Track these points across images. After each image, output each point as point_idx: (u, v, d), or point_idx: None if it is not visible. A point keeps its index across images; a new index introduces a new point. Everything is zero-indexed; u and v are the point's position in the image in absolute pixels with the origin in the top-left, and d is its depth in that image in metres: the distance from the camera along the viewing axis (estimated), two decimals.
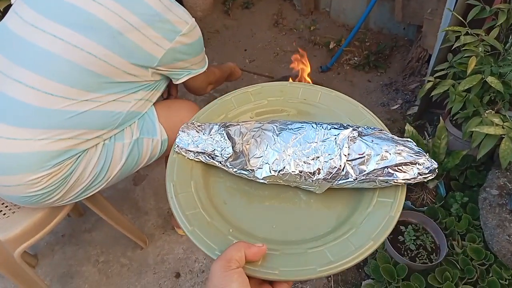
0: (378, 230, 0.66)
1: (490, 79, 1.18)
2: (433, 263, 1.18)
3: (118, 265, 1.44)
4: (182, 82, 1.10)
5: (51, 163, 0.90)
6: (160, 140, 1.08)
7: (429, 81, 1.39)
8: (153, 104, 1.09)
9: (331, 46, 2.14)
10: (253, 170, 0.74)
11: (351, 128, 0.72)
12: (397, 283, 1.15)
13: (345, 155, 0.69)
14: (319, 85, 1.80)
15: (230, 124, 0.81)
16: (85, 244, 1.51)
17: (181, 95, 1.34)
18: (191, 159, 0.79)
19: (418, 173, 0.67)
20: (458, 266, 1.17)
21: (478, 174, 1.39)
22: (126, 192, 1.65)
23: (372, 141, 0.70)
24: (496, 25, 1.25)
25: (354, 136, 0.71)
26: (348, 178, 0.69)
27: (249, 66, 2.15)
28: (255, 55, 2.23)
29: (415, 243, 1.23)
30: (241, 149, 0.76)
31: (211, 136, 0.79)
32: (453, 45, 1.31)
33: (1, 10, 1.55)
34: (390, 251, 1.21)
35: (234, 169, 0.76)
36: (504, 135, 1.14)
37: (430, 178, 0.67)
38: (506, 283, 1.11)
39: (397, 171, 0.68)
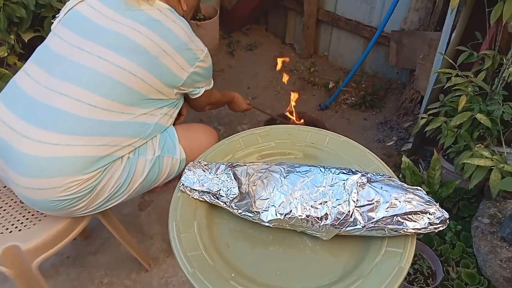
0: (386, 283, 0.61)
1: (479, 116, 1.29)
2: (430, 287, 1.23)
3: (122, 287, 1.46)
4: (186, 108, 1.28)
5: (89, 168, 0.99)
6: (179, 159, 1.17)
7: (423, 118, 1.51)
8: (174, 126, 1.20)
9: (330, 86, 2.28)
10: (258, 212, 0.71)
11: (360, 174, 0.70)
12: None
13: (354, 201, 0.67)
14: (319, 122, 1.92)
15: (237, 164, 0.80)
16: (90, 266, 1.53)
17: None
18: (196, 199, 0.77)
19: (429, 223, 0.64)
20: None
21: (470, 206, 1.47)
22: (132, 217, 1.70)
23: (381, 187, 0.68)
24: (483, 68, 1.39)
25: (363, 182, 0.68)
26: (356, 225, 0.66)
27: (252, 103, 2.27)
28: (258, 93, 2.36)
29: (412, 268, 1.29)
30: (247, 190, 0.73)
31: (217, 176, 0.77)
32: (445, 86, 1.44)
33: (26, 41, 1.66)
34: None
35: (239, 211, 0.73)
36: (494, 166, 1.24)
37: (441, 228, 0.64)
38: None
39: (407, 220, 0.65)
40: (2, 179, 1.08)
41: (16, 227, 1.08)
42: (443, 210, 0.65)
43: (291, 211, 0.69)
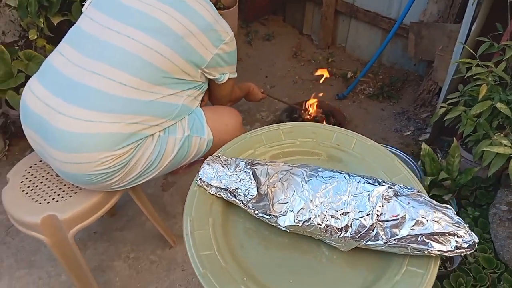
0: None
1: (499, 105, 1.32)
2: (448, 270, 1.27)
3: (148, 261, 1.52)
4: (209, 92, 1.31)
5: (121, 144, 1.04)
6: (206, 139, 1.21)
7: (442, 107, 1.54)
8: (202, 108, 1.24)
9: (348, 75, 2.32)
10: (276, 216, 0.68)
11: (386, 186, 0.66)
12: None
13: (378, 215, 0.63)
14: (336, 110, 1.94)
15: (257, 163, 0.76)
16: (116, 241, 1.60)
17: None
18: (212, 194, 0.74)
19: (456, 246, 0.60)
20: (471, 274, 1.26)
21: (487, 194, 1.50)
22: (155, 197, 1.75)
23: (408, 203, 0.63)
24: (504, 59, 1.41)
25: (389, 195, 0.64)
26: (378, 240, 0.63)
27: (269, 91, 2.31)
28: (275, 82, 2.39)
29: None
30: (266, 192, 0.70)
31: (236, 173, 0.74)
32: (464, 76, 1.47)
33: (55, 24, 1.71)
34: None
35: (256, 212, 0.70)
36: None
37: (468, 253, 0.61)
38: None
39: (433, 240, 0.60)
40: (40, 154, 1.14)
41: (54, 199, 1.14)
42: (473, 233, 0.60)
43: (310, 218, 0.66)
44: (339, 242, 0.66)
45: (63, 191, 1.16)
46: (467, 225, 0.63)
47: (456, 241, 0.60)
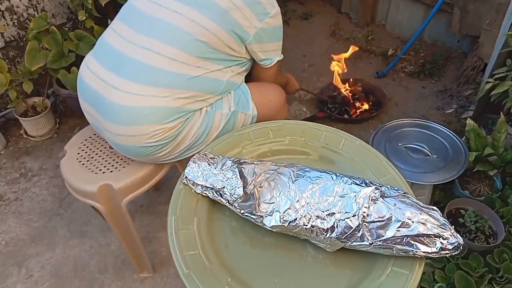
0: None
1: None
2: (491, 245, 1.26)
3: None
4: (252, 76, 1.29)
5: (171, 118, 1.08)
6: (251, 115, 1.24)
7: (488, 82, 1.50)
8: (247, 84, 1.26)
9: (390, 52, 2.28)
10: (262, 216, 0.68)
11: (373, 187, 0.66)
12: (456, 261, 1.24)
13: (364, 216, 0.63)
14: (376, 88, 1.91)
15: (244, 161, 0.76)
16: (161, 214, 1.67)
17: None
18: (198, 193, 0.73)
19: (441, 247, 0.60)
20: None
21: None
22: None
23: (395, 204, 0.63)
24: None
25: (376, 197, 0.64)
26: (363, 241, 0.63)
27: (307, 70, 2.31)
28: (313, 61, 2.39)
29: (475, 226, 1.32)
30: (252, 191, 0.70)
31: (222, 172, 0.73)
32: None
33: (103, 5, 1.78)
34: None
35: (242, 211, 0.70)
36: None
37: (453, 254, 0.61)
38: None
39: (418, 242, 0.61)
40: (95, 127, 1.21)
41: (108, 169, 1.21)
42: (458, 235, 0.61)
43: (296, 219, 0.65)
44: (324, 243, 0.66)
45: (117, 162, 1.23)
46: (453, 226, 0.63)
47: (441, 242, 0.60)
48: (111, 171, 1.20)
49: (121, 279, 1.47)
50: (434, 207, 0.64)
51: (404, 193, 0.67)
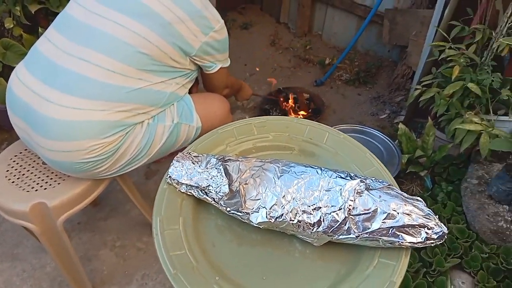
0: None
1: (470, 85, 1.40)
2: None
3: (135, 249, 1.53)
4: (203, 81, 1.30)
5: (110, 132, 1.04)
6: (195, 127, 1.22)
7: (416, 89, 1.61)
8: (190, 95, 1.25)
9: (327, 61, 2.38)
10: (248, 213, 0.68)
11: (358, 180, 0.66)
12: None
13: (350, 209, 0.63)
14: (315, 96, 1.97)
15: (229, 159, 0.75)
16: (101, 231, 1.60)
17: None
18: (183, 192, 0.72)
19: (427, 237, 0.61)
20: (446, 244, 1.34)
21: (459, 170, 1.59)
22: (139, 185, 1.76)
23: (380, 196, 0.64)
24: (474, 42, 1.49)
25: (361, 190, 0.65)
26: (350, 234, 0.63)
27: (249, 79, 2.34)
28: (254, 70, 2.42)
29: None
30: (238, 188, 0.70)
31: (207, 170, 0.73)
32: (438, 58, 1.54)
33: (33, 13, 1.68)
34: None
35: (228, 209, 0.69)
36: (483, 131, 1.35)
37: (438, 243, 0.62)
38: (486, 256, 1.29)
39: (404, 233, 0.62)
40: (26, 141, 1.13)
41: (41, 186, 1.13)
42: (442, 224, 0.62)
43: (282, 214, 0.66)
44: (311, 237, 0.66)
45: (51, 178, 1.16)
46: (437, 216, 0.64)
47: (426, 232, 0.61)
48: (45, 188, 1.13)
49: None
50: (419, 198, 0.65)
51: (388, 185, 0.67)
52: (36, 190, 1.12)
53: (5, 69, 1.63)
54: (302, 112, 1.99)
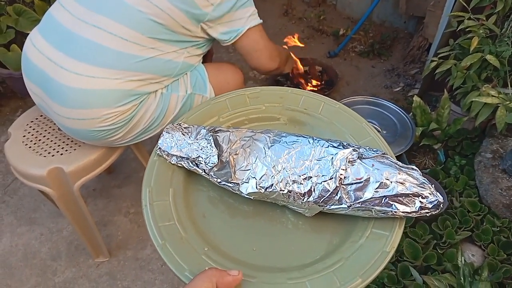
0: (368, 267, 0.58)
1: (489, 57, 1.37)
2: (435, 214, 1.35)
3: None
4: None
5: (123, 101, 1.04)
6: (209, 97, 1.21)
7: (433, 61, 1.58)
8: (205, 65, 1.22)
9: (341, 32, 2.33)
10: (238, 184, 0.67)
11: (351, 148, 0.65)
12: (404, 229, 1.32)
13: (341, 178, 0.62)
14: (328, 68, 1.93)
15: (219, 130, 0.74)
16: (116, 197, 1.63)
17: None
18: (173, 164, 0.71)
19: (421, 207, 0.60)
20: (457, 217, 1.34)
21: (473, 145, 1.57)
22: None
23: (373, 165, 0.63)
24: (494, 12, 1.44)
25: (353, 158, 0.63)
26: (341, 204, 0.62)
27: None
28: None
29: None
30: (227, 159, 0.69)
31: (197, 141, 0.71)
32: (456, 29, 1.50)
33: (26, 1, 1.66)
34: None
35: (218, 180, 0.68)
36: (500, 104, 1.33)
37: (433, 213, 0.61)
38: (498, 229, 1.29)
39: (397, 202, 0.60)
40: (41, 108, 1.14)
41: (58, 152, 1.15)
42: (438, 193, 0.60)
43: (272, 184, 0.64)
44: (302, 208, 0.65)
45: (67, 144, 1.18)
46: (433, 185, 0.62)
47: (420, 201, 0.59)
48: (61, 154, 1.15)
49: (75, 265, 1.43)
50: (414, 167, 0.62)
51: (383, 153, 0.66)
52: (53, 156, 1.14)
53: (18, 36, 1.63)
54: (314, 84, 1.97)
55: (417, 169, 0.62)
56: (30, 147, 1.15)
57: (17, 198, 1.64)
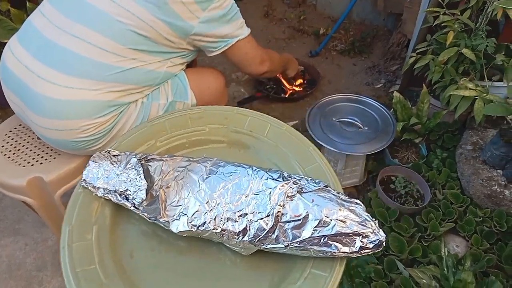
0: None
1: (465, 51, 1.39)
2: (419, 207, 1.36)
3: None
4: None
5: (103, 112, 1.02)
6: (190, 104, 1.20)
7: (411, 56, 1.60)
8: (185, 71, 1.20)
9: (321, 32, 2.34)
10: (168, 222, 0.62)
11: (291, 181, 0.61)
12: (389, 224, 1.33)
13: (279, 216, 0.58)
14: (310, 67, 1.92)
15: (152, 158, 0.69)
16: None
17: None
18: (100, 197, 0.66)
19: (361, 247, 0.57)
20: (440, 209, 1.36)
21: (453, 137, 1.60)
22: None
23: (313, 200, 0.59)
24: (468, 7, 1.47)
25: (292, 193, 0.60)
26: (278, 243, 0.58)
27: None
28: None
29: (404, 191, 1.42)
30: (158, 193, 0.64)
31: (126, 171, 0.66)
32: (432, 24, 1.52)
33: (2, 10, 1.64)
34: (383, 197, 1.39)
35: (148, 215, 0.63)
36: (477, 96, 1.36)
37: (374, 251, 0.58)
38: (480, 219, 1.31)
39: (337, 242, 0.57)
40: (20, 116, 1.13)
41: (37, 161, 1.14)
42: (380, 231, 0.57)
43: (205, 222, 0.60)
44: (237, 247, 0.61)
45: (47, 153, 1.16)
46: (376, 221, 0.59)
47: (361, 241, 0.57)
48: (41, 163, 1.14)
49: (61, 275, 1.40)
50: (357, 201, 0.60)
51: (325, 186, 0.62)
52: (32, 165, 1.13)
53: None
54: (297, 83, 1.98)
55: (360, 203, 0.60)
56: (9, 157, 1.14)
57: (0, 209, 1.61)
